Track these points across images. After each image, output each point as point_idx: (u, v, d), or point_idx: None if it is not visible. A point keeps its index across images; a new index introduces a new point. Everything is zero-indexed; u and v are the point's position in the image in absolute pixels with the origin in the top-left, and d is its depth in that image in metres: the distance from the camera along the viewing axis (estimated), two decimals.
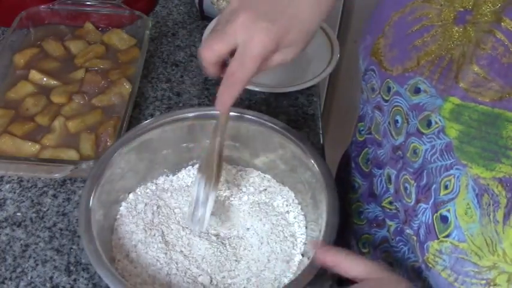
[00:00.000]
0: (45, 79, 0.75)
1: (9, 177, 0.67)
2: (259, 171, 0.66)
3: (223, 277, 0.54)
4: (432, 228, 0.44)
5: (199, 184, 0.55)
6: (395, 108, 0.50)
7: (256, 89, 0.75)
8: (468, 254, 0.41)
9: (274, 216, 0.60)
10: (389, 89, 0.51)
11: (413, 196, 0.47)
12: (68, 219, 0.63)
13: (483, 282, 0.41)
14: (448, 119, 0.43)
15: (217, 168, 0.56)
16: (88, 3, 0.85)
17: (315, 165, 0.57)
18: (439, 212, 0.43)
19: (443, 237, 0.43)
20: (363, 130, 0.63)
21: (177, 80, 0.81)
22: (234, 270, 0.55)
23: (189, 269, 0.54)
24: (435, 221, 0.44)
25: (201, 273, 0.54)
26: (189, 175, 0.66)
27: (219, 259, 0.56)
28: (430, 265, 0.44)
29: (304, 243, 0.58)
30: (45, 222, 0.63)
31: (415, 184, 0.47)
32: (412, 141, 0.47)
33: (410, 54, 0.49)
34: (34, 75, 0.75)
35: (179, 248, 0.56)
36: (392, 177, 0.51)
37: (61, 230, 0.62)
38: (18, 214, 0.64)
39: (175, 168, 0.65)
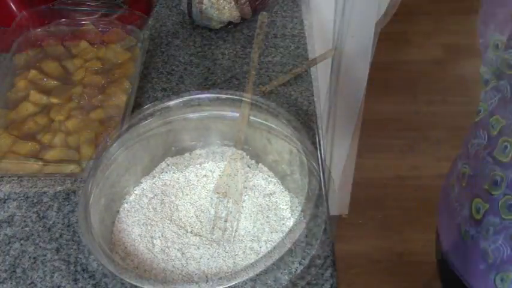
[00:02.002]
0: (44, 98, 0.78)
1: (16, 194, 0.70)
2: (267, 175, 0.67)
3: (220, 278, 0.55)
4: None
5: (220, 203, 0.61)
6: None
7: None
8: None
9: (275, 222, 0.61)
10: None
11: None
12: (73, 230, 0.65)
13: None
14: None
15: (241, 189, 0.61)
16: (82, 22, 0.88)
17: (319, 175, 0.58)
18: None
19: None
20: (495, 124, 0.61)
21: (173, 89, 0.83)
22: (230, 273, 0.56)
23: (185, 267, 0.56)
24: None
25: (197, 273, 0.55)
26: (196, 174, 0.67)
27: (216, 260, 0.57)
28: None
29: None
30: (51, 234, 0.65)
31: None
32: None
33: None
34: (34, 95, 0.78)
35: (178, 245, 0.58)
36: None
37: (67, 240, 0.64)
38: (26, 229, 0.66)
39: (183, 166, 0.67)
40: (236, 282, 0.54)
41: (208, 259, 0.57)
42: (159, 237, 0.58)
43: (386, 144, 1.93)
